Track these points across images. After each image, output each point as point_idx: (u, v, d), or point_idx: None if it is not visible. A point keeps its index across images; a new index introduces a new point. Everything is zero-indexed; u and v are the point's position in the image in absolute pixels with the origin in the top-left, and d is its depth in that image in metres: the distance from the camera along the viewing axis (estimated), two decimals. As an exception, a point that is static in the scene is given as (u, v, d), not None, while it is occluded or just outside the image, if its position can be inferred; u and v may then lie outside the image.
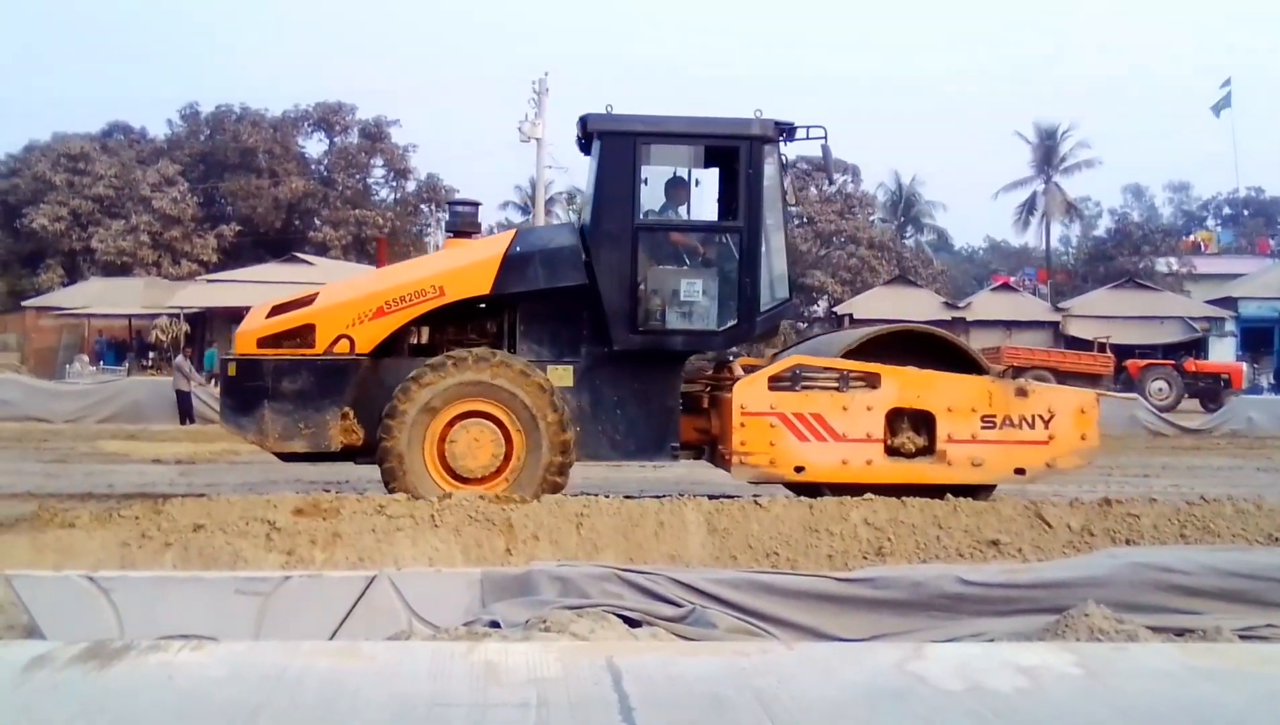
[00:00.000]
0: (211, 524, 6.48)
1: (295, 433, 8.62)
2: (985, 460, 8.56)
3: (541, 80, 32.55)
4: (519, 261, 8.89)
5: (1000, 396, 8.58)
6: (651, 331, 8.84)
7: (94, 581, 4.88)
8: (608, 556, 6.45)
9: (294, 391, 8.63)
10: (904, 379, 8.62)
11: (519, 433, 8.50)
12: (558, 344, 9.04)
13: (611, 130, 8.92)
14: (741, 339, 9.22)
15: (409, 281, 9.06)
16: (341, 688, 3.32)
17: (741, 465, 8.56)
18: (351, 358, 8.70)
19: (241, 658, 3.64)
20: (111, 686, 3.32)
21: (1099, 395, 9.38)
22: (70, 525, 6.65)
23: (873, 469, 8.50)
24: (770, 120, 9.02)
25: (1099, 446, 8.94)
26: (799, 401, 8.54)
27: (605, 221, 8.86)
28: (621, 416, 8.95)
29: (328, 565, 6.04)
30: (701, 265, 9.17)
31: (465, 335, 9.21)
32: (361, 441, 8.71)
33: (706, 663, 3.54)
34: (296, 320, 8.85)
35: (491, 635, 4.20)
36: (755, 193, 8.90)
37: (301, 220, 51.26)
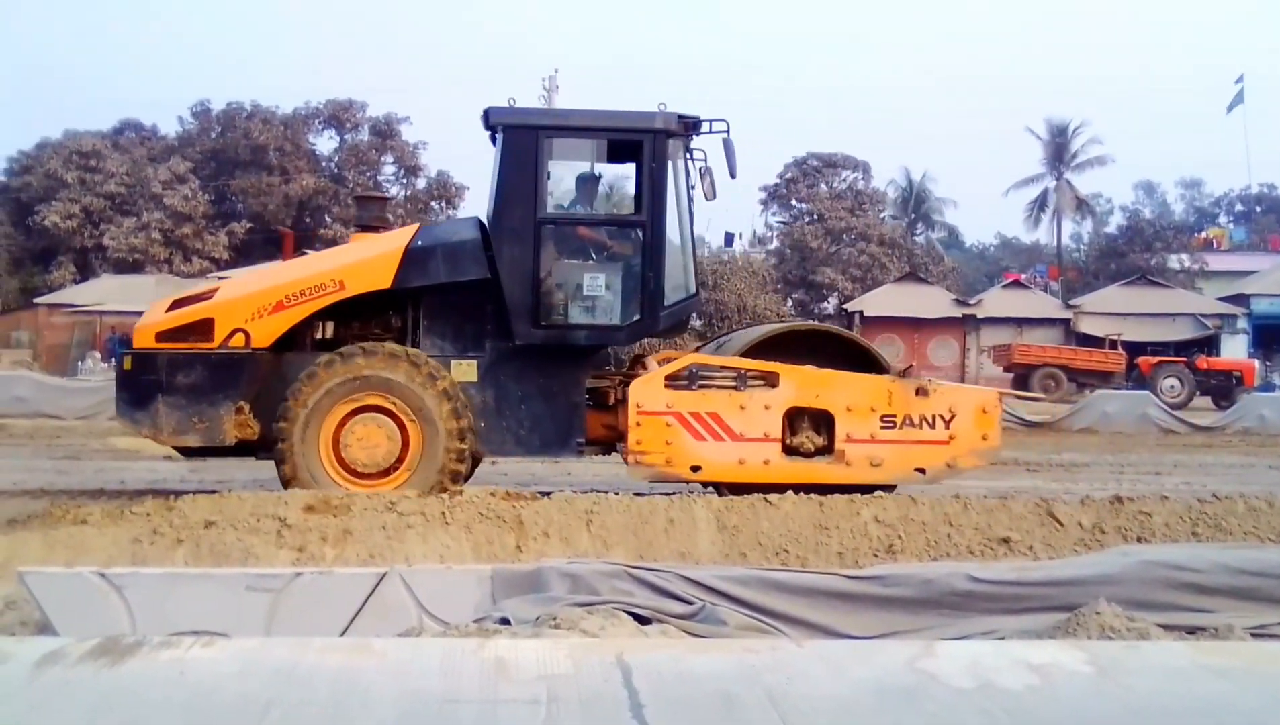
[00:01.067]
0: (223, 521, 6.50)
1: (189, 427, 8.55)
2: (884, 460, 8.51)
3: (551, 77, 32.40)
4: (420, 255, 8.84)
5: (900, 396, 8.54)
6: (554, 326, 8.80)
7: (106, 578, 4.90)
8: (618, 554, 6.45)
9: (188, 385, 8.55)
10: (802, 378, 8.57)
11: (415, 429, 8.43)
12: (461, 339, 8.98)
13: (513, 123, 8.87)
14: (644, 334, 9.18)
15: (308, 275, 9.00)
16: (353, 684, 3.33)
17: (637, 464, 8.51)
18: (247, 352, 8.63)
19: (253, 654, 3.65)
20: (123, 682, 3.33)
21: (1000, 394, 9.28)
22: (82, 522, 6.68)
23: (770, 469, 8.44)
24: (674, 114, 8.93)
25: (1000, 446, 8.90)
26: (696, 400, 8.48)
27: (507, 215, 8.82)
28: (526, 412, 8.88)
29: (339, 562, 6.05)
30: (605, 260, 9.11)
31: (370, 330, 9.10)
32: (257, 436, 8.64)
33: (716, 660, 3.54)
34: (195, 314, 8.79)
35: (502, 632, 4.21)
36: (659, 187, 8.84)
37: (312, 217, 51.35)
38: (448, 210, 53.12)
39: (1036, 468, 13.97)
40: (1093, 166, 58.03)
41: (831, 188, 54.19)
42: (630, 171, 9.48)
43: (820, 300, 51.22)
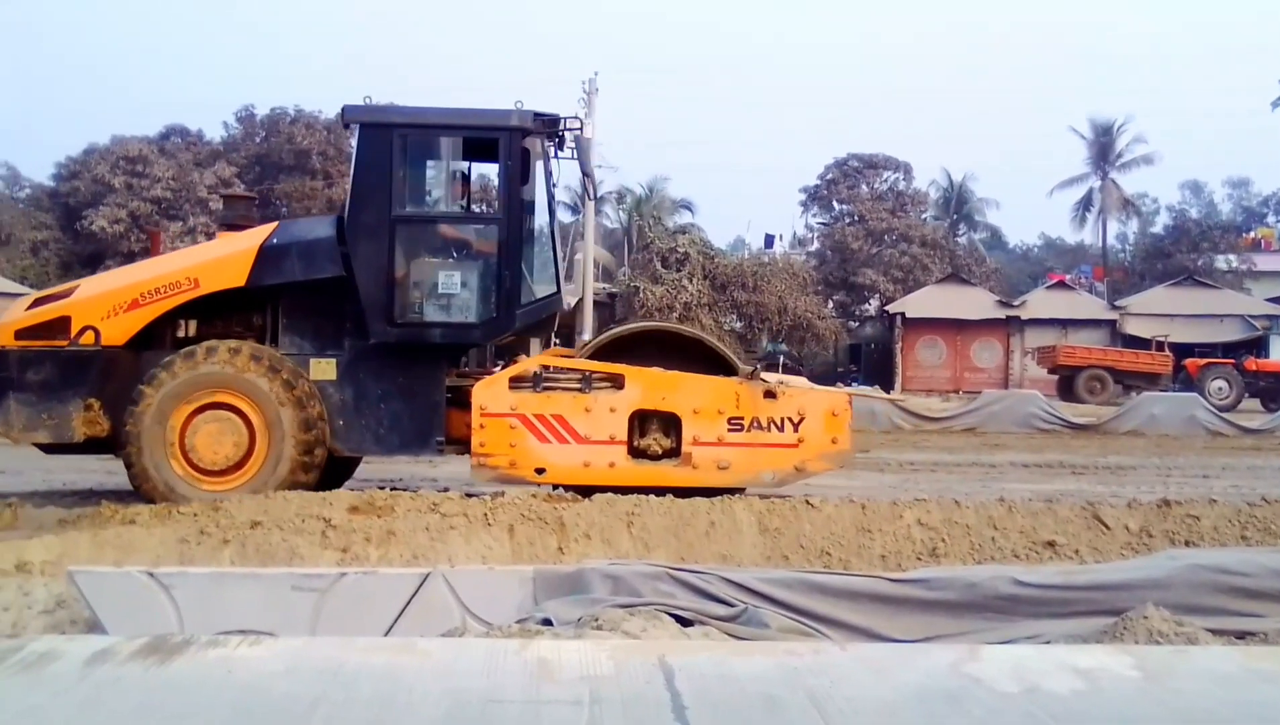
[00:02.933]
0: (269, 521, 6.57)
1: (39, 423, 8.65)
2: (732, 463, 8.41)
3: (591, 80, 32.67)
4: (274, 253, 8.84)
5: (748, 398, 8.43)
6: (409, 324, 8.76)
7: (154, 577, 4.97)
8: (659, 556, 6.45)
9: (38, 382, 8.62)
10: (648, 380, 8.48)
11: (260, 425, 8.46)
12: (320, 337, 8.98)
13: (369, 121, 8.86)
14: (501, 332, 9.06)
15: (164, 273, 9.02)
16: (397, 683, 3.36)
17: (481, 467, 8.46)
18: (96, 349, 8.66)
19: (299, 653, 3.69)
20: (172, 680, 3.38)
21: (850, 396, 9.20)
22: (131, 522, 6.78)
23: (616, 471, 8.38)
24: (529, 112, 8.86)
25: (851, 449, 8.81)
26: (540, 402, 8.43)
27: (362, 213, 8.79)
28: (385, 410, 8.86)
29: (382, 562, 6.09)
30: (460, 258, 9.06)
31: (231, 328, 9.09)
32: (107, 433, 8.68)
33: (759, 663, 3.53)
34: (52, 312, 8.86)
35: (544, 633, 4.22)
36: (513, 185, 8.81)
37: (355, 221, 51.69)
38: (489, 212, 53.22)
39: (1082, 471, 13.84)
40: (1138, 166, 57.37)
41: (872, 189, 53.89)
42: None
43: (861, 302, 50.96)
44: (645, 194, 52.09)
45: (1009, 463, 14.74)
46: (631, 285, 35.94)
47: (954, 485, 11.19)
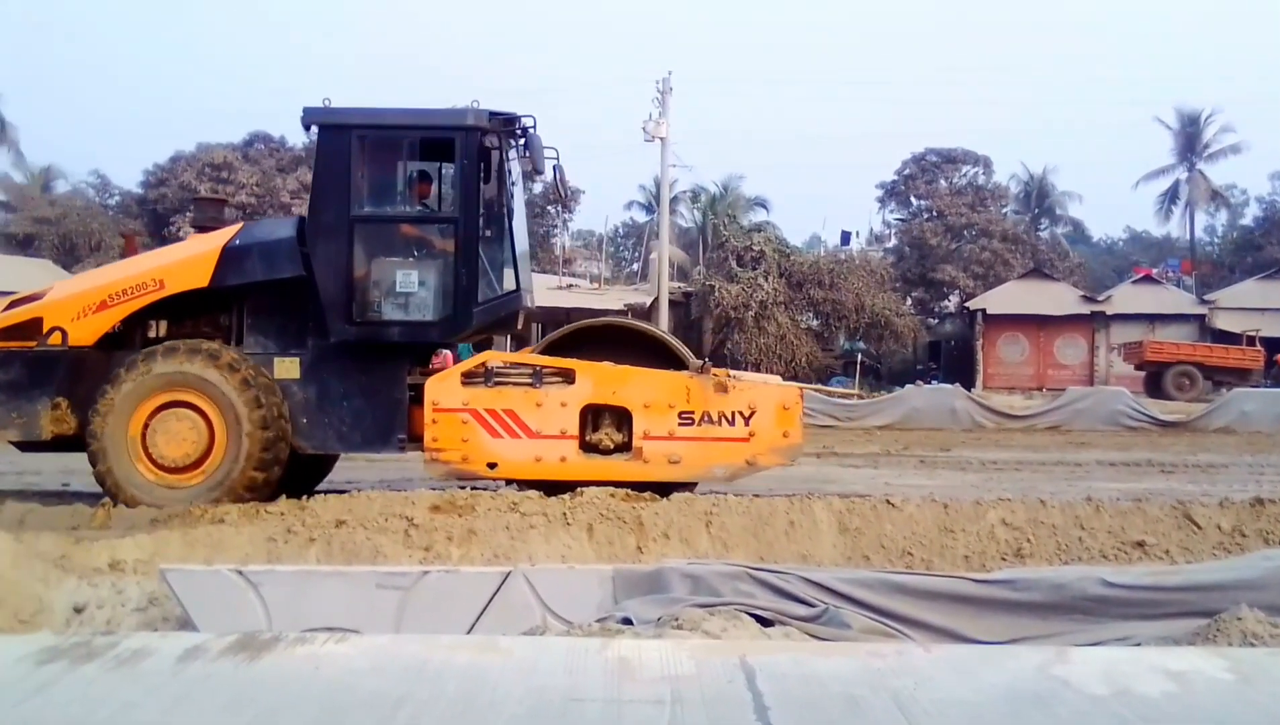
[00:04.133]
0: (353, 520, 6.68)
1: (8, 421, 8.87)
2: (683, 457, 8.39)
3: (665, 79, 32.64)
4: (236, 254, 8.97)
5: (699, 392, 8.40)
6: (368, 323, 8.82)
7: (243, 575, 5.07)
8: (738, 555, 6.44)
9: (7, 382, 8.85)
10: (599, 375, 8.49)
11: (219, 423, 8.56)
12: (284, 336, 9.07)
13: (328, 123, 8.91)
14: (458, 330, 9.02)
15: (131, 275, 9.17)
16: (481, 681, 3.39)
17: (434, 462, 8.52)
18: (63, 349, 8.86)
19: (384, 650, 3.74)
20: (261, 677, 3.44)
21: (801, 390, 9.10)
22: (220, 521, 6.93)
23: (567, 466, 8.40)
24: (485, 111, 8.92)
25: (802, 443, 8.74)
26: (492, 397, 8.45)
27: (322, 213, 8.89)
28: (348, 408, 8.92)
29: (464, 561, 6.16)
30: (418, 257, 9.07)
31: (199, 328, 9.21)
32: (74, 430, 8.83)
33: (841, 663, 3.50)
34: (25, 314, 9.07)
35: (624, 632, 4.23)
36: (470, 184, 8.83)
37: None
38: (564, 214, 53.60)
39: (1171, 469, 13.51)
40: (1226, 156, 55.77)
41: (951, 184, 53.07)
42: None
43: (940, 298, 50.24)
44: (719, 192, 51.94)
45: (1095, 461, 14.44)
46: (706, 284, 35.81)
47: (1039, 484, 10.99)
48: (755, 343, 34.17)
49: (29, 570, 5.94)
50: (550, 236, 54.40)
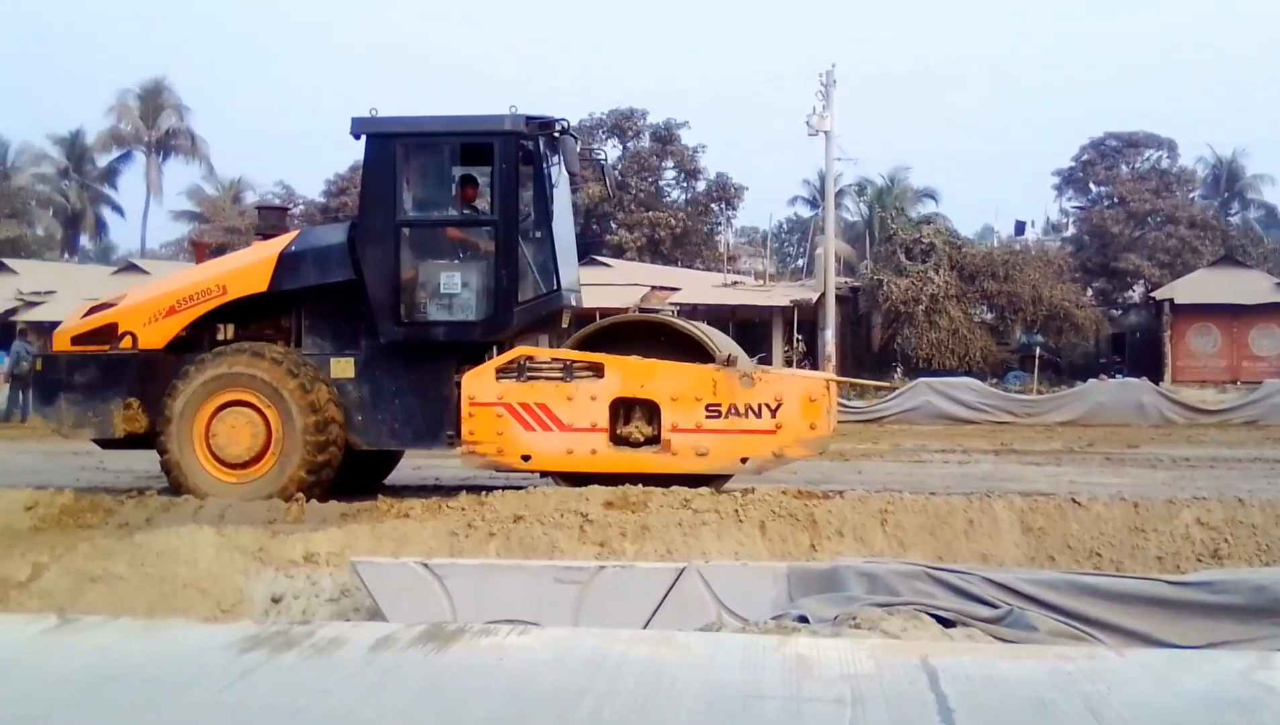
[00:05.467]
0: (530, 515, 6.83)
1: (85, 421, 9.41)
2: (711, 449, 8.39)
3: (829, 72, 32.21)
4: (293, 260, 9.32)
5: (725, 385, 8.41)
6: (414, 324, 9.08)
7: (428, 568, 5.26)
8: (915, 554, 6.31)
9: (84, 384, 9.39)
10: (627, 368, 8.57)
11: (276, 422, 8.92)
12: (339, 337, 9.41)
13: (375, 132, 9.18)
14: (500, 330, 9.13)
15: (196, 281, 9.65)
16: (659, 675, 3.41)
17: (470, 454, 8.70)
18: (133, 352, 9.38)
19: (564, 643, 3.81)
20: (448, 666, 3.55)
21: (829, 381, 8.96)
22: (405, 516, 7.18)
23: (598, 458, 8.50)
24: (522, 116, 9.07)
25: (829, 435, 8.67)
26: (525, 391, 8.61)
27: (370, 219, 9.19)
28: (399, 406, 9.20)
29: (637, 557, 6.23)
30: (461, 259, 9.29)
31: (262, 331, 9.60)
32: (145, 429, 9.26)
33: (1028, 666, 3.40)
34: (102, 319, 9.60)
35: (801, 630, 4.21)
36: (509, 187, 9.04)
37: (599, 224, 53.04)
38: (727, 211, 53.53)
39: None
40: None
41: (1133, 169, 50.73)
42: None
43: (1124, 289, 48.07)
44: (886, 184, 50.99)
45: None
46: (874, 278, 35.21)
47: (1235, 482, 10.39)
48: (926, 338, 33.41)
49: (230, 562, 6.30)
50: (714, 234, 54.43)
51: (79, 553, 6.19)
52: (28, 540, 6.70)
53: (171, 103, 56.20)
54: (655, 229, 50.24)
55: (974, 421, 19.36)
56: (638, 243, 50.06)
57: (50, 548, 6.30)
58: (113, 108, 55.80)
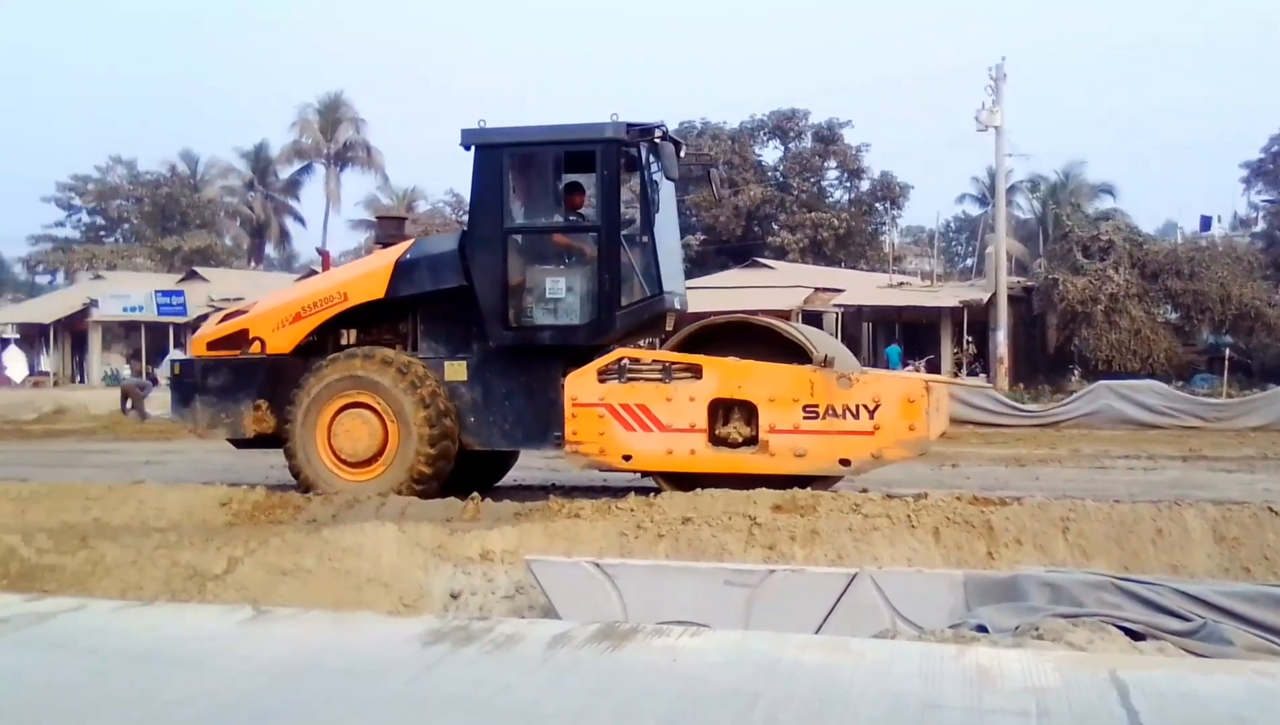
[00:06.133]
0: (698, 517, 6.85)
1: (218, 422, 10.01)
2: (808, 451, 8.35)
3: (998, 66, 31.30)
4: (408, 267, 9.71)
5: (823, 386, 8.36)
6: (522, 328, 9.35)
7: (600, 567, 5.34)
8: (1098, 564, 6.07)
9: (217, 387, 10.00)
10: (724, 370, 8.59)
11: (393, 423, 9.30)
12: (453, 341, 9.75)
13: (482, 143, 9.42)
14: (604, 333, 9.23)
15: (320, 289, 10.15)
16: (833, 681, 3.39)
17: (574, 454, 8.87)
18: (262, 357, 9.92)
19: (736, 646, 3.82)
20: (623, 666, 3.60)
21: (927, 382, 8.71)
22: (575, 516, 7.30)
23: (696, 458, 8.56)
24: (622, 123, 9.22)
25: (929, 436, 8.48)
26: (625, 392, 8.72)
27: (479, 227, 9.50)
28: (509, 407, 9.48)
29: (807, 561, 6.17)
30: (565, 265, 9.53)
31: (381, 335, 9.99)
32: (273, 429, 9.80)
33: (1224, 681, 3.26)
34: (235, 326, 10.18)
35: (980, 639, 4.10)
36: (610, 193, 9.20)
37: (760, 226, 52.83)
38: (892, 210, 52.60)
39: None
40: None
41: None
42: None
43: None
44: (1060, 180, 49.19)
45: None
46: (1049, 278, 33.93)
47: None
48: (1106, 339, 32.03)
49: (410, 558, 6.53)
50: (878, 234, 53.56)
51: (271, 547, 6.50)
52: (223, 535, 7.06)
53: (349, 116, 58.56)
54: (818, 230, 49.77)
55: (1159, 426, 18.47)
56: (800, 244, 49.67)
57: (244, 542, 6.64)
58: (295, 122, 58.53)
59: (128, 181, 60.22)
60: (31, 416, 23.52)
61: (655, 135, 9.29)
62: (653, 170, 9.38)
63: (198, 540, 6.74)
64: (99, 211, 60.93)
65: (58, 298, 48.19)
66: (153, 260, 54.20)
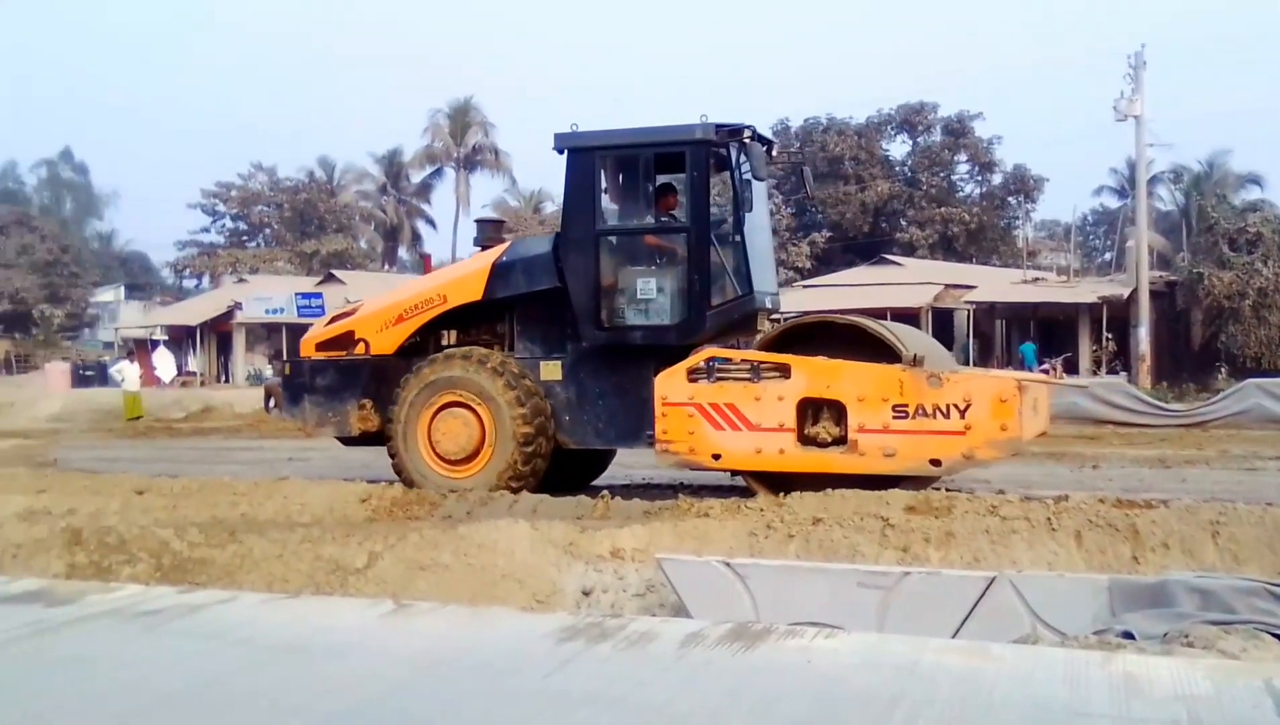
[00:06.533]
0: (829, 518, 6.79)
1: (326, 420, 10.39)
2: (898, 450, 8.24)
3: (1138, 53, 30.18)
4: (504, 270, 9.88)
5: (912, 385, 8.23)
6: (615, 328, 9.44)
7: (731, 567, 5.34)
8: (1250, 569, 5.82)
9: (324, 386, 10.37)
10: (813, 369, 8.52)
11: (489, 421, 9.48)
12: (548, 342, 9.90)
13: (575, 146, 9.55)
14: (694, 333, 9.24)
15: (421, 292, 10.43)
16: (975, 686, 3.33)
17: (664, 453, 8.90)
18: (366, 358, 10.28)
19: (872, 648, 3.78)
20: (757, 666, 3.61)
21: (1020, 382, 8.40)
22: (705, 515, 7.31)
23: (785, 458, 8.51)
24: (711, 124, 9.21)
25: (1022, 436, 8.23)
26: (714, 392, 8.70)
27: (572, 229, 9.59)
28: (603, 407, 9.61)
29: (942, 564, 6.06)
30: (656, 266, 9.57)
31: (480, 336, 10.22)
32: (377, 427, 10.10)
33: (1395, 695, 3.08)
34: (340, 328, 10.55)
35: (1126, 646, 3.98)
36: (700, 194, 9.23)
37: (888, 222, 52.07)
38: (1025, 204, 51.29)
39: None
40: None
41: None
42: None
43: None
44: (1204, 170, 47.29)
45: None
46: (1193, 272, 32.61)
47: None
48: (1255, 335, 30.62)
49: (543, 555, 6.63)
50: (1011, 228, 52.25)
51: (409, 542, 6.68)
52: (363, 530, 7.27)
53: (478, 120, 59.70)
54: (948, 225, 48.84)
55: (1315, 426, 17.60)
56: (929, 240, 48.80)
57: (383, 537, 6.83)
58: (427, 128, 59.92)
59: (269, 188, 62.49)
60: (180, 415, 24.64)
61: (744, 136, 9.31)
62: (743, 171, 9.37)
63: (339, 535, 6.95)
64: (242, 217, 63.33)
65: (204, 300, 50.32)
66: (292, 263, 56.15)
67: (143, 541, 6.60)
